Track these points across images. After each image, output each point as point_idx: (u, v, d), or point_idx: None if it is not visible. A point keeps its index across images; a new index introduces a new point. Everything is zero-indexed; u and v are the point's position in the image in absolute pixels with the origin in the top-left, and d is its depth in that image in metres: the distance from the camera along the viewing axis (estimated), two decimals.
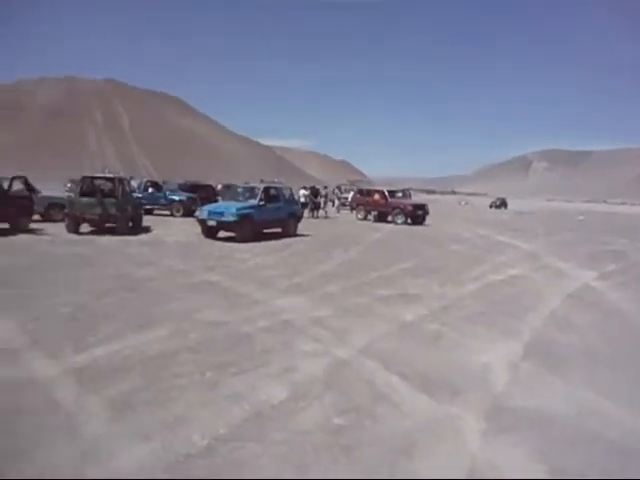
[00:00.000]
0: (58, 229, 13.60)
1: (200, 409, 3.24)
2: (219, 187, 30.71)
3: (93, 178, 14.10)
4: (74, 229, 13.07)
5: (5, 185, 12.76)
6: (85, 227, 13.54)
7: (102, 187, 13.79)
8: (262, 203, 13.55)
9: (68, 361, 3.96)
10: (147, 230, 14.88)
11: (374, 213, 22.18)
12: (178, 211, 20.68)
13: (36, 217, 14.56)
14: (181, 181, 27.50)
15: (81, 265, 8.56)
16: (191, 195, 21.47)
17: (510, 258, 11.85)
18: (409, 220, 21.14)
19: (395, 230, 18.54)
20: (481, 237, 17.11)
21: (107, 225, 13.55)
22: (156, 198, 20.71)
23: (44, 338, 4.50)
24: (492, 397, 3.62)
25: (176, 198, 20.95)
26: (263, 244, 12.69)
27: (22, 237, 11.86)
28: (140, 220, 15.41)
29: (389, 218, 21.74)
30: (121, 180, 14.01)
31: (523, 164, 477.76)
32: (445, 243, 14.80)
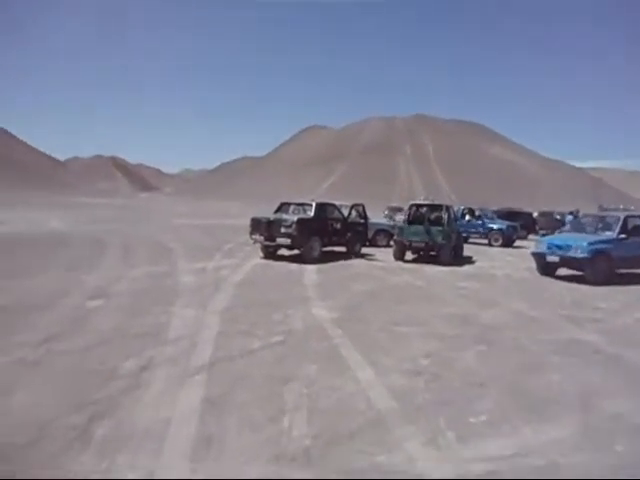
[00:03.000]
0: (384, 255, 13.96)
1: None
2: (535, 214, 27.61)
3: (420, 206, 13.98)
4: (400, 256, 13.09)
5: (345, 212, 13.88)
6: (407, 254, 13.44)
7: (429, 215, 13.46)
8: (623, 236, 10.56)
9: (457, 459, 2.89)
10: (469, 260, 13.83)
11: None
12: (497, 240, 19.04)
13: None
14: (495, 208, 25.83)
15: (418, 299, 7.95)
16: (512, 224, 19.52)
17: None
18: None
19: None
20: None
21: (430, 254, 13.13)
22: (473, 226, 19.61)
23: (413, 407, 3.64)
24: None
25: (495, 227, 19.36)
26: (625, 289, 9.77)
27: (357, 262, 12.48)
28: (461, 249, 14.52)
29: None
30: (448, 208, 13.42)
31: None
32: None
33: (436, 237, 12.49)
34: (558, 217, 29.03)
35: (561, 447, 3.06)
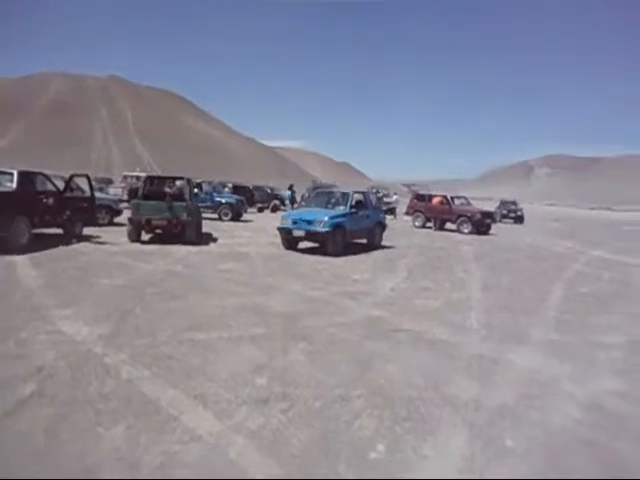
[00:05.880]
0: (113, 236, 11.82)
1: None
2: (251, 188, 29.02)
3: (156, 178, 12.28)
4: (136, 237, 11.25)
5: (60, 185, 10.94)
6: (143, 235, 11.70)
7: (168, 189, 11.96)
8: (354, 211, 11.75)
9: None
10: (211, 238, 13.08)
11: (435, 221, 20.39)
12: (226, 215, 18.87)
13: None
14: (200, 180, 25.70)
15: (189, 289, 6.73)
16: (240, 197, 19.67)
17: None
18: (474, 229, 19.27)
19: (474, 241, 16.65)
20: (579, 252, 15.19)
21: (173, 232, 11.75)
22: (202, 200, 18.80)
23: (296, 462, 2.69)
24: None
25: (224, 201, 19.11)
26: (356, 258, 10.91)
27: (84, 247, 10.06)
28: (201, 226, 13.60)
29: (451, 226, 20.01)
30: (189, 181, 12.19)
31: (525, 169, 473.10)
32: (566, 260, 12.86)
33: (180, 213, 11.19)
34: (269, 191, 31.41)
35: (471, 463, 2.71)
